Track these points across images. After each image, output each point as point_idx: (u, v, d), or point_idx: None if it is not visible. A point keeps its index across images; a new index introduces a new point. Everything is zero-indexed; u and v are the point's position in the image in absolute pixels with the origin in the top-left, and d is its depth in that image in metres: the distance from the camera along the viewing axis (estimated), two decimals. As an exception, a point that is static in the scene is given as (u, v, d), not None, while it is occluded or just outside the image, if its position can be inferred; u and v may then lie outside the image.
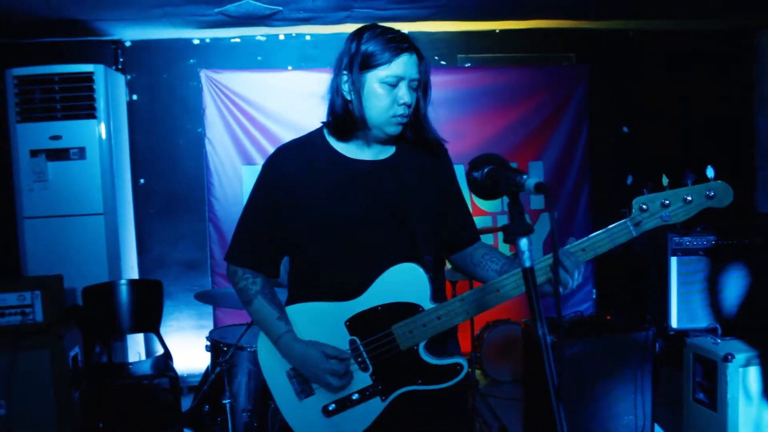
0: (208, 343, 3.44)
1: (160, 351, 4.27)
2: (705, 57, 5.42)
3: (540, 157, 5.09)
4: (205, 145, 4.81)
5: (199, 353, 3.92)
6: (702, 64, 5.41)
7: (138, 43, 5.02)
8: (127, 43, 5.02)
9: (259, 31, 5.01)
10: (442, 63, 5.22)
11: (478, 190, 1.52)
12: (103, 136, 4.43)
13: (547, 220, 5.07)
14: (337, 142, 1.92)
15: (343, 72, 1.84)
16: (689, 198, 1.74)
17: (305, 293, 1.91)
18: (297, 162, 1.90)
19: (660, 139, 5.36)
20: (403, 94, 1.80)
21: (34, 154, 4.36)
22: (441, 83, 4.56)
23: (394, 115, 1.82)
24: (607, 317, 3.70)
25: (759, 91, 5.49)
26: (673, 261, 3.90)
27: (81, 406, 3.73)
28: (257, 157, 4.82)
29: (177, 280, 5.08)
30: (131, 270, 4.90)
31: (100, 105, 4.40)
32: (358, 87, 1.81)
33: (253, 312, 1.93)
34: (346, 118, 1.86)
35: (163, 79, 5.06)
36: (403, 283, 1.83)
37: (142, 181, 5.08)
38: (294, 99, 4.79)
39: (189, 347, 4.91)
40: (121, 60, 5.00)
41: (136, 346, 4.81)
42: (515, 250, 1.34)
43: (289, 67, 5.05)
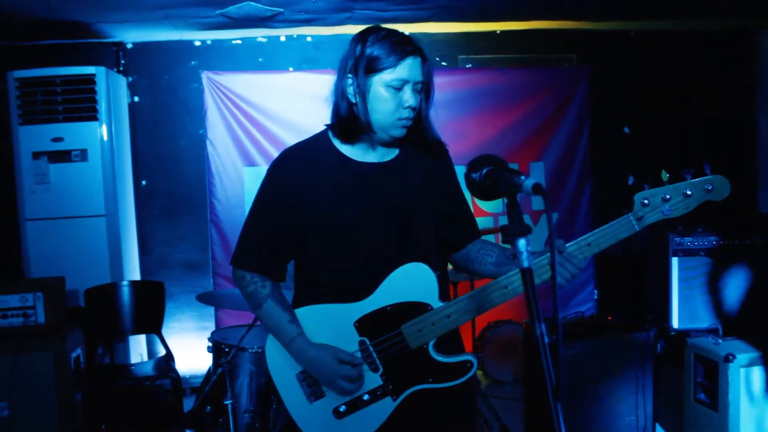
0: (210, 344, 3.45)
1: (162, 352, 4.28)
2: (706, 57, 5.42)
3: (541, 158, 5.09)
4: (207, 147, 4.82)
5: (201, 354, 3.93)
6: (703, 64, 5.41)
7: (139, 45, 5.03)
8: (129, 45, 5.03)
9: (260, 33, 5.02)
10: (443, 64, 5.23)
11: (476, 191, 1.53)
12: (105, 138, 4.44)
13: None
14: (342, 145, 1.93)
15: (348, 75, 1.85)
16: (689, 192, 1.79)
17: (312, 295, 1.92)
18: (303, 165, 1.90)
19: (661, 139, 5.36)
20: (408, 97, 1.80)
21: (36, 156, 4.37)
22: (442, 84, 4.54)
23: (400, 118, 1.83)
24: (608, 318, 3.70)
25: (760, 91, 5.48)
26: (674, 261, 3.90)
27: (83, 408, 3.74)
28: (258, 158, 4.83)
29: (179, 281, 5.09)
30: (133, 271, 4.91)
31: (102, 107, 4.41)
32: (363, 90, 1.82)
33: (263, 316, 1.93)
34: (350, 121, 1.86)
35: (164, 80, 5.07)
36: (412, 282, 1.84)
37: (144, 182, 5.09)
38: (295, 100, 4.80)
39: (191, 348, 4.92)
40: (122, 62, 5.01)
41: (138, 348, 4.82)
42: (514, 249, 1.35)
43: (290, 69, 5.06)
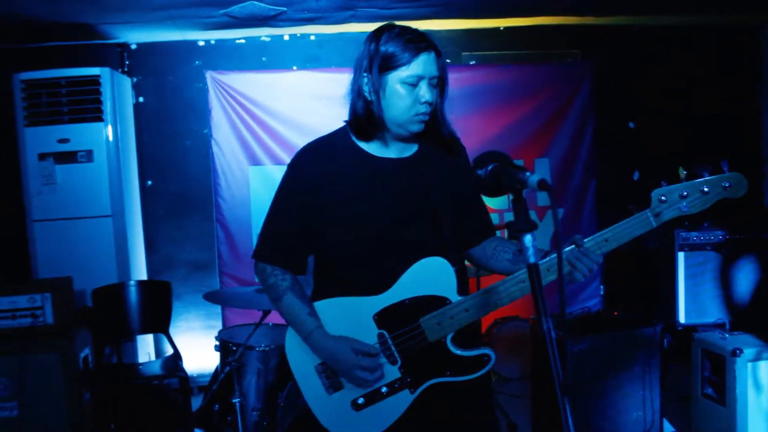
0: (217, 342, 3.46)
1: (170, 351, 4.30)
2: (710, 52, 5.40)
3: (546, 154, 5.08)
4: (212, 146, 4.83)
5: (209, 353, 3.94)
6: (707, 59, 5.39)
7: (143, 46, 5.04)
8: (133, 46, 5.04)
9: (263, 32, 5.02)
10: (447, 61, 5.17)
11: (482, 187, 1.54)
12: (110, 139, 4.46)
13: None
14: (361, 141, 1.95)
15: (364, 74, 1.88)
16: (706, 189, 1.80)
17: (331, 288, 1.94)
18: (322, 160, 1.94)
19: (666, 134, 5.34)
20: (424, 92, 1.83)
21: (42, 157, 4.39)
22: (446, 81, 4.56)
23: (417, 114, 1.85)
24: (615, 313, 3.70)
25: (764, 86, 5.46)
26: (680, 256, 3.89)
27: (92, 407, 3.75)
28: (263, 157, 4.84)
29: (185, 280, 5.10)
30: (140, 271, 4.93)
31: (107, 108, 4.43)
32: (379, 88, 1.84)
33: (283, 308, 1.96)
34: (367, 118, 1.89)
35: (168, 81, 5.08)
36: (430, 276, 1.86)
37: (150, 182, 5.11)
38: (299, 99, 4.81)
39: (198, 347, 4.94)
40: (127, 63, 5.02)
41: (146, 347, 4.83)
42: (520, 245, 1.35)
43: (294, 68, 5.06)
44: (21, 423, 3.49)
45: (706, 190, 1.80)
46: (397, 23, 1.90)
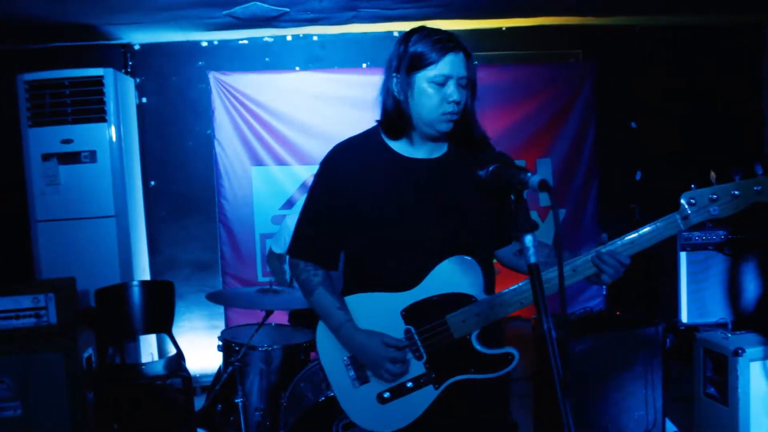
0: (220, 342, 3.47)
1: (173, 351, 4.31)
2: (712, 52, 5.39)
3: (548, 154, 5.08)
4: (215, 147, 4.84)
5: (211, 353, 3.95)
6: (710, 58, 5.38)
7: (147, 47, 5.06)
8: (136, 47, 5.05)
9: (266, 33, 5.03)
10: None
11: (483, 188, 1.54)
12: (114, 139, 4.47)
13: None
14: (391, 140, 1.99)
15: (393, 74, 1.92)
16: (737, 193, 1.77)
17: (361, 284, 1.99)
18: (353, 159, 1.98)
19: (668, 134, 5.34)
20: (452, 92, 1.85)
21: (46, 158, 4.41)
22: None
23: (444, 113, 1.87)
24: (617, 313, 3.70)
25: (767, 86, 5.46)
26: (683, 256, 3.88)
27: (95, 407, 3.76)
28: (266, 158, 4.85)
29: (188, 281, 5.11)
30: (143, 271, 4.94)
31: (110, 108, 4.44)
32: (407, 88, 1.88)
33: (314, 302, 2.02)
34: (398, 116, 1.92)
35: (172, 81, 5.10)
36: (458, 274, 1.89)
37: (153, 183, 5.12)
38: (302, 99, 4.82)
39: (201, 347, 4.95)
40: (130, 63, 5.04)
41: (149, 347, 4.85)
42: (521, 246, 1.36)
43: (297, 68, 5.07)
44: (24, 423, 3.50)
45: (736, 193, 1.77)
46: (428, 26, 1.94)
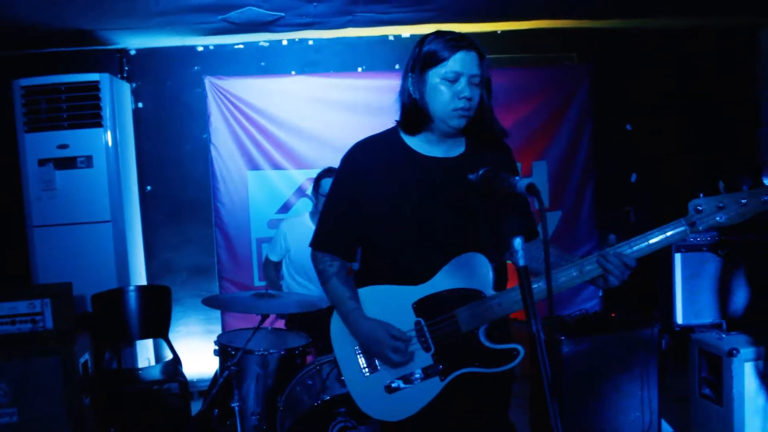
0: (216, 347, 3.47)
1: (170, 356, 4.31)
2: (707, 54, 5.42)
3: (544, 157, 5.09)
4: (211, 151, 4.84)
5: (208, 358, 3.94)
6: (704, 60, 5.41)
7: (143, 52, 5.06)
8: (132, 52, 5.06)
9: (262, 37, 5.05)
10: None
11: (474, 191, 1.55)
12: (110, 144, 4.48)
13: (551, 219, 5.07)
14: (410, 139, 2.06)
15: (410, 74, 2.00)
16: (744, 201, 1.78)
17: (376, 277, 2.06)
18: (372, 156, 2.06)
19: (664, 136, 5.36)
20: (462, 88, 1.92)
21: (42, 163, 4.41)
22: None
23: (455, 109, 1.93)
24: (612, 315, 3.71)
25: (762, 87, 5.48)
26: (677, 257, 3.90)
27: (92, 412, 3.76)
28: (262, 162, 4.85)
29: (185, 285, 5.11)
30: (139, 276, 4.94)
31: (106, 113, 4.45)
32: (422, 85, 1.96)
33: (328, 291, 2.12)
34: (414, 112, 2.00)
35: (167, 86, 5.10)
36: (468, 270, 1.94)
37: (149, 187, 5.12)
38: (298, 104, 4.82)
39: (198, 352, 4.95)
40: (126, 68, 5.04)
41: (146, 352, 4.84)
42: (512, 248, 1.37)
43: (293, 72, 5.08)
44: (21, 429, 3.50)
45: (744, 202, 1.78)
46: (442, 28, 2.02)
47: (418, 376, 1.97)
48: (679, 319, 3.92)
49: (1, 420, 3.49)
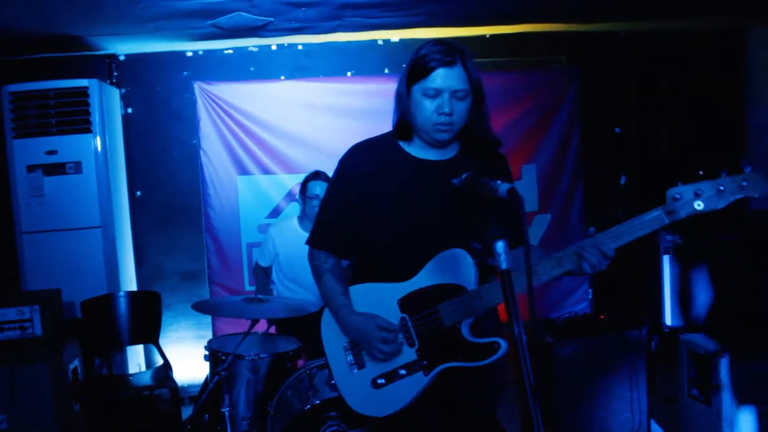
0: (207, 352, 3.47)
1: (160, 362, 4.30)
2: (695, 57, 5.45)
3: (533, 160, 5.11)
4: (201, 157, 4.83)
5: (199, 363, 3.94)
6: (692, 63, 5.44)
7: (132, 57, 5.06)
8: (121, 57, 5.06)
9: (251, 42, 5.05)
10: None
11: (458, 195, 1.56)
12: (99, 150, 4.47)
13: (540, 222, 5.09)
14: (405, 143, 2.11)
15: (402, 83, 2.05)
16: (722, 188, 1.77)
17: (365, 275, 2.13)
18: (368, 159, 2.12)
19: (652, 139, 5.39)
20: (443, 103, 1.94)
21: (31, 169, 4.40)
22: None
23: (436, 123, 1.97)
24: (601, 316, 3.73)
25: (749, 89, 5.52)
26: (666, 259, 3.93)
27: (82, 419, 3.75)
28: (252, 167, 4.85)
29: (175, 290, 5.10)
30: (129, 282, 4.93)
31: (95, 119, 4.44)
32: (408, 98, 2.02)
33: (321, 287, 2.19)
34: (404, 123, 2.07)
35: (157, 91, 5.10)
36: (451, 266, 1.98)
37: (139, 193, 5.11)
38: (288, 109, 4.82)
39: (189, 357, 4.93)
40: (115, 74, 5.04)
41: (136, 358, 4.83)
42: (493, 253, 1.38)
43: (282, 77, 5.08)
44: (11, 435, 3.49)
45: (721, 188, 1.77)
46: (432, 33, 2.04)
47: (403, 371, 2.01)
48: (668, 320, 3.95)
49: (-10, 427, 3.48)
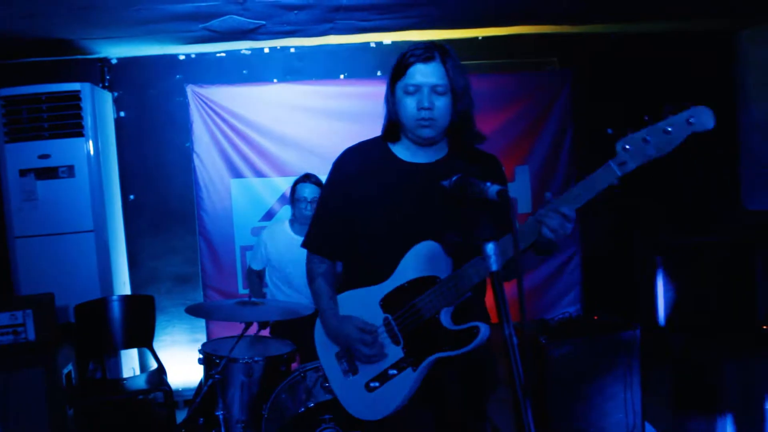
0: (201, 355, 3.46)
1: (154, 366, 4.29)
2: (685, 58, 5.47)
3: (526, 162, 5.13)
4: (193, 160, 4.83)
5: (193, 367, 3.94)
6: (683, 65, 5.46)
7: (124, 60, 5.05)
8: (114, 61, 5.05)
9: (243, 45, 5.05)
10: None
11: (449, 197, 1.57)
12: (92, 154, 4.46)
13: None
14: (394, 146, 2.13)
15: (387, 84, 2.09)
16: (669, 129, 1.72)
17: (351, 281, 2.16)
18: (357, 162, 2.14)
19: (644, 139, 5.40)
20: (422, 99, 1.96)
21: (23, 173, 4.38)
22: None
23: (417, 119, 1.98)
24: (594, 317, 3.74)
25: (739, 90, 5.55)
26: (659, 261, 3.95)
27: (76, 423, 3.74)
28: (245, 170, 4.85)
29: (169, 294, 5.09)
30: (123, 286, 4.92)
31: (88, 123, 4.43)
32: (393, 97, 2.06)
33: (313, 290, 2.22)
34: (392, 124, 2.09)
35: (149, 95, 5.09)
36: (423, 259, 1.99)
37: (132, 197, 5.11)
38: (280, 111, 4.83)
39: (183, 361, 4.93)
40: (107, 77, 5.03)
41: (130, 362, 4.82)
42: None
43: (275, 80, 5.08)
44: (4, 441, 3.48)
45: (669, 129, 1.72)
46: (423, 36, 2.06)
47: (393, 371, 2.02)
48: (662, 321, 3.96)
49: (-17, 433, 3.47)
